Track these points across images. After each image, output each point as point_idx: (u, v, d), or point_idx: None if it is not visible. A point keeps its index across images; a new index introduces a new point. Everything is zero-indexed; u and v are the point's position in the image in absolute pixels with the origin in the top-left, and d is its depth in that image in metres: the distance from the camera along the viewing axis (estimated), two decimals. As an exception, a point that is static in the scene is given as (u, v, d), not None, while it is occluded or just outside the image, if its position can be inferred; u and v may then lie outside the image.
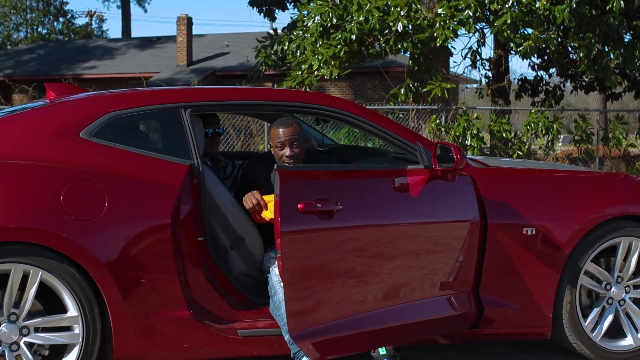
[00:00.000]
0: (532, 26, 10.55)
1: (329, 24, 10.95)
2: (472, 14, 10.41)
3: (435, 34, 10.53)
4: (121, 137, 3.45)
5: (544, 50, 11.48)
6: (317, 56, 11.04)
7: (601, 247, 3.90)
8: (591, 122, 12.42)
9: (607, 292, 3.96)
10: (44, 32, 42.75)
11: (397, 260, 3.45)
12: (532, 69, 14.70)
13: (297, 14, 12.12)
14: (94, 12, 44.62)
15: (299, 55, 11.38)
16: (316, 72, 11.13)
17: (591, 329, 3.91)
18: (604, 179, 4.26)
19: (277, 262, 3.40)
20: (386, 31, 10.72)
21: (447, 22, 10.52)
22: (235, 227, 3.67)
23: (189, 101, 3.61)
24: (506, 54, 13.09)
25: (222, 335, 3.44)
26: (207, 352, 3.45)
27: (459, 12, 10.53)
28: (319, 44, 11.10)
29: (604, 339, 3.93)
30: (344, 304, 3.32)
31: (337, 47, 10.86)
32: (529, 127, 11.31)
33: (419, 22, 10.56)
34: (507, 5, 10.34)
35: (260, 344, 3.50)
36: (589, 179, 4.17)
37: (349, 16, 10.90)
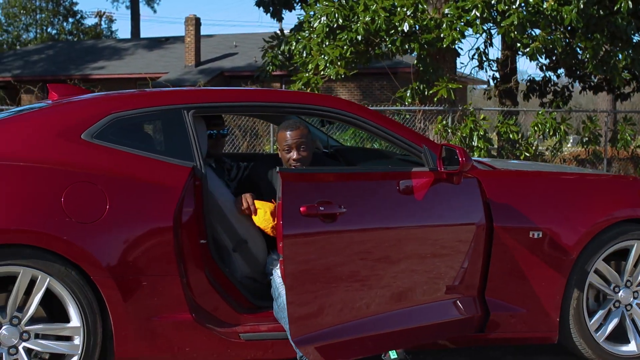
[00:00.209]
0: (540, 27, 10.51)
1: (335, 25, 10.94)
2: (479, 15, 10.36)
3: (442, 35, 10.49)
4: (123, 138, 3.43)
5: (552, 51, 11.43)
6: (323, 56, 11.02)
7: (612, 249, 3.87)
8: (599, 123, 12.35)
9: (615, 294, 3.94)
10: (53, 32, 42.96)
11: (402, 263, 3.42)
12: (540, 70, 14.66)
13: (303, 15, 12.11)
14: (104, 13, 44.86)
15: (305, 55, 11.36)
16: (322, 72, 11.11)
17: (595, 329, 3.89)
18: (612, 182, 4.22)
19: (280, 265, 3.37)
20: (392, 31, 10.69)
21: (454, 22, 10.48)
22: (238, 229, 3.64)
23: (191, 102, 3.59)
24: (513, 54, 13.04)
25: (225, 339, 3.41)
26: (209, 356, 3.42)
27: (466, 12, 10.48)
28: (326, 44, 11.08)
29: (607, 342, 3.91)
30: (347, 308, 3.28)
31: (344, 47, 10.84)
32: (536, 128, 11.27)
33: (425, 23, 10.52)
34: (515, 6, 10.30)
35: (263, 347, 3.47)
36: (597, 181, 4.13)
37: (355, 16, 10.88)
